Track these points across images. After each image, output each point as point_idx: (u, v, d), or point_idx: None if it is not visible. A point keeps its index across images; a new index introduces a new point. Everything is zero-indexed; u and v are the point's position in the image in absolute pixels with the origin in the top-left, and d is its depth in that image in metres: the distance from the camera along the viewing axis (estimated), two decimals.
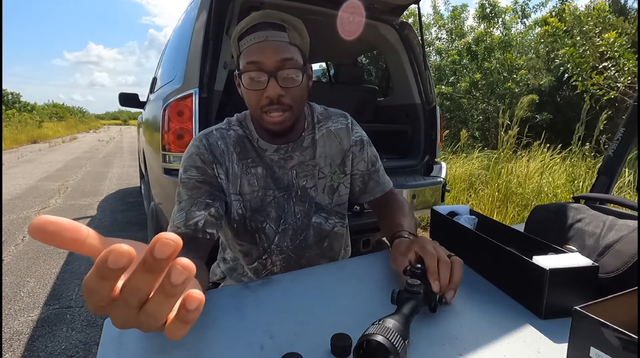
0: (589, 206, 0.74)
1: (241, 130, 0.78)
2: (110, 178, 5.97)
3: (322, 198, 0.82)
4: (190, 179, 0.72)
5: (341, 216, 0.87)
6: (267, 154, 0.77)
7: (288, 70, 0.67)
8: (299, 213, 0.81)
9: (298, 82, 0.68)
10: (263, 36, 0.65)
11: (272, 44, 0.66)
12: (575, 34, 4.69)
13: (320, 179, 0.81)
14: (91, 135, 21.28)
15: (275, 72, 0.66)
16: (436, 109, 2.29)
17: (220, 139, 0.76)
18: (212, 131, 0.78)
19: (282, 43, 0.67)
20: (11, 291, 2.10)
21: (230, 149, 0.76)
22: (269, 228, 0.79)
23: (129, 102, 3.35)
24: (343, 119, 0.86)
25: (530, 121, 6.35)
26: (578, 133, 3.07)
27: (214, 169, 0.74)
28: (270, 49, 0.65)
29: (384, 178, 0.89)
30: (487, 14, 6.96)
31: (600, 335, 0.36)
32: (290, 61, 0.67)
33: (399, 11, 2.25)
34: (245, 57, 0.67)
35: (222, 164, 0.75)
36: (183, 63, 1.72)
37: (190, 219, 0.68)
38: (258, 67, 0.65)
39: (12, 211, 3.75)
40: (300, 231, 0.81)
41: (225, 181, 0.75)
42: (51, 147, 11.87)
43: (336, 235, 0.87)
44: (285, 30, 0.68)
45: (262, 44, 0.65)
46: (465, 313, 0.53)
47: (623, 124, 1.12)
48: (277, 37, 0.66)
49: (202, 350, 0.44)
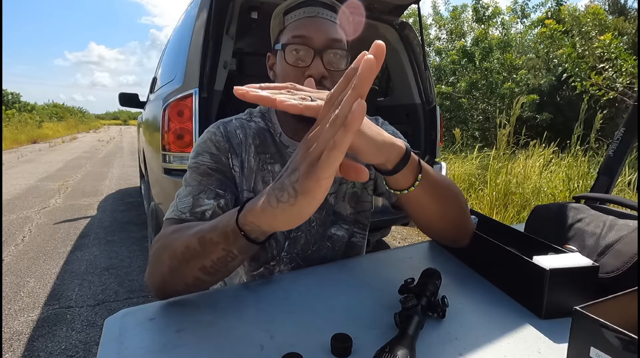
0: (589, 206, 0.74)
1: (263, 122, 0.72)
2: (110, 178, 5.97)
3: (343, 206, 0.74)
4: (202, 164, 0.65)
5: (362, 227, 0.78)
6: (288, 151, 0.71)
7: (335, 50, 0.62)
8: (314, 221, 0.73)
9: (342, 67, 0.63)
10: (314, 12, 0.62)
11: (323, 21, 0.62)
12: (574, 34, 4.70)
13: (341, 185, 0.74)
14: (91, 135, 21.28)
15: (323, 51, 0.61)
16: (436, 109, 2.29)
17: (240, 129, 0.70)
18: (232, 119, 0.72)
19: (333, 23, 0.63)
20: (11, 291, 2.10)
21: (249, 140, 0.70)
22: (279, 233, 0.72)
23: (129, 103, 3.35)
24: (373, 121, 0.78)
25: (531, 121, 6.36)
26: (576, 133, 3.07)
27: (229, 159, 0.68)
28: (322, 25, 0.61)
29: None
30: (482, 16, 6.97)
31: (600, 335, 0.36)
32: (339, 42, 0.62)
33: (399, 11, 2.25)
34: (291, 31, 0.62)
35: (238, 155, 0.68)
36: (183, 63, 1.72)
37: (197, 207, 0.61)
38: (304, 42, 0.61)
39: (12, 211, 3.75)
40: (313, 241, 0.74)
41: (239, 174, 0.69)
42: (51, 147, 11.87)
43: (354, 246, 0.78)
44: (337, 12, 0.64)
45: (313, 19, 0.62)
46: (465, 313, 0.53)
47: (623, 124, 1.12)
48: (328, 16, 0.63)
49: (202, 350, 0.44)
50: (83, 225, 3.36)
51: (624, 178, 3.04)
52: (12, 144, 11.67)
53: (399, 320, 0.46)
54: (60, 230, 3.21)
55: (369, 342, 0.45)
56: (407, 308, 0.46)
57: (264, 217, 0.38)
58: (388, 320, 0.49)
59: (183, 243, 0.49)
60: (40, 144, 13.01)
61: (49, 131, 17.82)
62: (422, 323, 0.46)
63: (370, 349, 0.42)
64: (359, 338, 0.45)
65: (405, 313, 0.46)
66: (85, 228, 3.27)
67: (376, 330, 0.48)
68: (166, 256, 0.51)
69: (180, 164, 1.62)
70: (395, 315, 0.47)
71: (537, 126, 6.48)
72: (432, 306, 0.50)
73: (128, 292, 2.11)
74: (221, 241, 0.45)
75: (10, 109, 21.34)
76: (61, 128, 21.69)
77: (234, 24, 1.76)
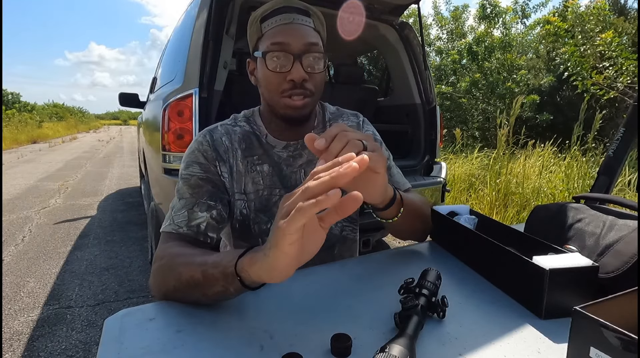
0: (589, 206, 0.74)
1: (248, 126, 0.76)
2: (110, 177, 5.97)
3: None
4: (192, 176, 0.69)
5: (351, 220, 0.83)
6: (276, 150, 0.75)
7: (313, 54, 0.65)
8: None
9: (321, 69, 0.67)
10: (290, 19, 0.65)
11: (299, 26, 0.65)
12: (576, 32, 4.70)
13: None
14: (91, 135, 21.29)
15: (301, 55, 0.64)
16: (436, 109, 2.29)
17: (225, 135, 0.74)
18: (217, 126, 0.75)
19: (308, 28, 0.66)
20: (11, 291, 2.10)
21: (235, 145, 0.73)
22: None
23: (129, 103, 3.35)
24: (354, 118, 0.85)
25: (531, 121, 6.36)
26: (576, 133, 3.07)
27: (217, 166, 0.71)
28: (298, 31, 0.65)
29: (400, 177, 0.84)
30: (488, 14, 6.97)
31: (600, 335, 0.36)
32: (316, 46, 0.66)
33: (399, 11, 2.25)
34: (269, 38, 0.65)
35: (225, 161, 0.72)
36: (183, 63, 1.72)
37: (193, 220, 0.65)
38: (283, 49, 0.64)
39: (12, 211, 3.75)
40: None
41: (229, 179, 0.72)
42: (51, 147, 11.87)
43: (346, 240, 0.83)
44: (310, 16, 0.67)
45: (289, 25, 0.65)
46: (465, 313, 0.53)
47: (623, 124, 1.12)
48: (303, 22, 0.66)
49: (202, 350, 0.44)
50: (83, 225, 3.36)
51: (624, 178, 3.04)
52: (12, 144, 11.68)
53: (399, 320, 0.46)
54: (60, 229, 3.21)
55: (369, 342, 0.44)
56: (407, 308, 0.46)
57: (252, 268, 0.44)
58: (388, 320, 0.49)
59: (188, 272, 0.52)
60: (40, 144, 13.01)
61: (49, 131, 17.84)
62: (422, 323, 0.46)
63: (370, 349, 0.41)
64: (359, 338, 0.45)
65: (405, 313, 0.46)
66: (85, 228, 3.27)
67: (376, 330, 0.48)
68: (171, 278, 0.55)
69: (180, 164, 1.62)
70: (395, 315, 0.47)
71: (537, 126, 6.48)
72: (432, 306, 0.50)
73: (128, 292, 2.11)
74: (221, 278, 0.49)
75: (10, 109, 21.35)
76: (61, 128, 21.70)
77: (234, 24, 1.76)
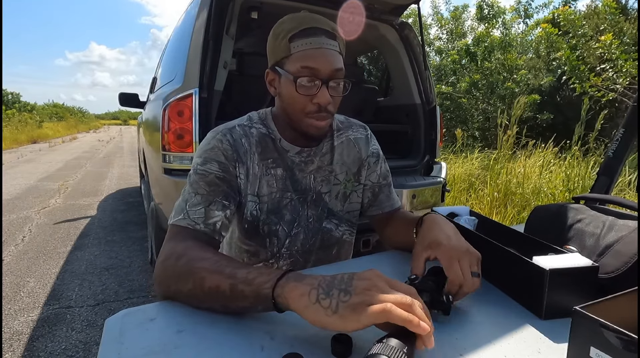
0: (588, 207, 0.74)
1: (264, 128, 0.77)
2: (110, 178, 5.97)
3: (335, 204, 0.83)
4: (210, 173, 0.69)
5: (351, 225, 0.87)
6: (289, 155, 0.77)
7: (338, 80, 0.68)
8: (311, 217, 0.81)
9: (342, 92, 0.70)
10: (319, 43, 0.66)
11: (328, 52, 0.67)
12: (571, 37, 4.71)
13: (335, 185, 0.82)
14: (91, 135, 21.28)
15: (328, 81, 0.67)
16: (436, 109, 2.29)
17: (244, 137, 0.75)
18: (235, 126, 0.76)
19: (336, 52, 0.68)
20: (11, 291, 2.10)
21: (253, 148, 0.75)
22: (281, 231, 0.78)
23: (128, 102, 3.35)
24: (363, 130, 0.88)
25: (531, 121, 6.36)
26: (577, 133, 3.07)
27: (236, 168, 0.72)
28: (327, 57, 0.67)
29: (394, 195, 0.89)
30: (486, 15, 6.97)
31: (600, 335, 0.36)
32: (341, 71, 0.68)
33: (399, 11, 2.25)
34: (299, 61, 0.66)
35: (244, 163, 0.73)
36: (183, 63, 1.72)
37: (210, 218, 0.66)
38: (313, 74, 0.66)
39: (12, 211, 3.75)
40: (310, 235, 0.81)
41: (244, 181, 0.74)
42: (51, 147, 11.88)
43: (344, 243, 0.87)
44: (336, 39, 0.69)
45: (319, 51, 0.66)
46: (465, 313, 0.53)
47: (623, 125, 1.12)
48: (331, 46, 0.67)
49: (203, 350, 0.44)
50: (83, 225, 3.36)
51: (624, 178, 3.04)
52: (12, 144, 11.67)
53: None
54: (60, 229, 3.21)
55: (369, 342, 0.44)
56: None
57: (298, 303, 0.44)
58: None
59: (214, 281, 0.51)
60: (40, 144, 13.01)
61: (49, 131, 17.83)
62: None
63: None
64: (359, 338, 0.45)
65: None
66: (85, 228, 3.27)
67: (376, 330, 0.48)
68: (189, 282, 0.53)
69: (180, 164, 1.62)
70: None
71: (538, 126, 6.48)
72: (435, 302, 0.50)
73: (128, 292, 2.11)
74: (251, 296, 0.48)
75: (10, 109, 21.33)
76: (61, 128, 21.70)
77: (234, 24, 1.76)
